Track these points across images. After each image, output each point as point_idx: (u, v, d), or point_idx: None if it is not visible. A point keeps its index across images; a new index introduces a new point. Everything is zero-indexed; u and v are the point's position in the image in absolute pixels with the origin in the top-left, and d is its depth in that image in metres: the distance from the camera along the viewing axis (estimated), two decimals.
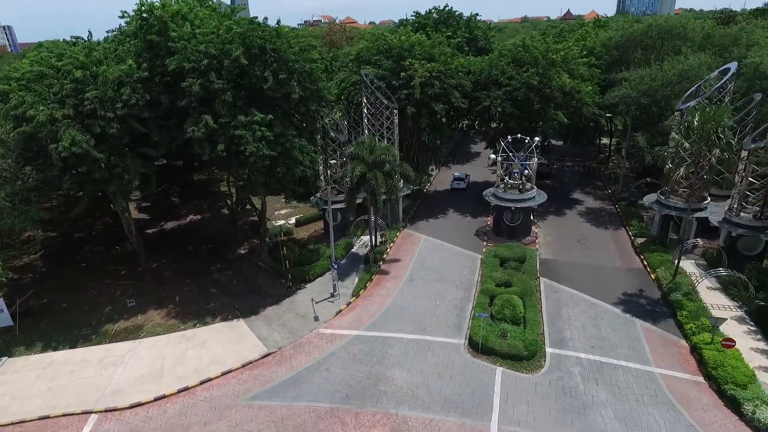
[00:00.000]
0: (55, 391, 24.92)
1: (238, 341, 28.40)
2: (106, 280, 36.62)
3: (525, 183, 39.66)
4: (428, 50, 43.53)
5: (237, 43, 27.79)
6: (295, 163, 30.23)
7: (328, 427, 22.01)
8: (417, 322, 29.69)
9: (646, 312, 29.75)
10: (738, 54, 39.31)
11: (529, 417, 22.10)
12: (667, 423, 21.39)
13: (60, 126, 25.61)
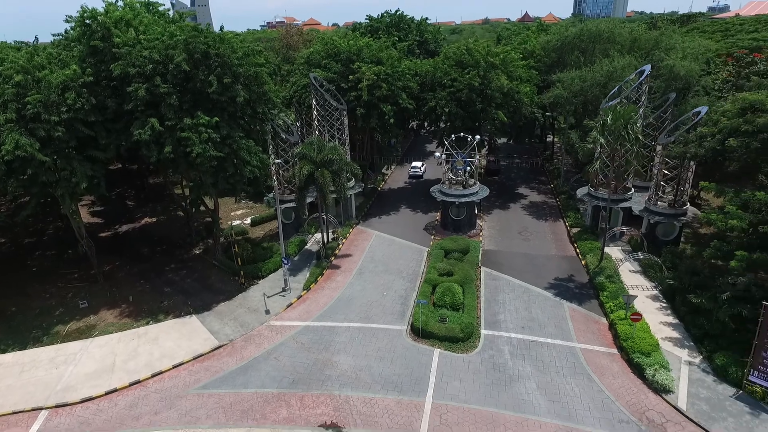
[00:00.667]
0: (2, 391, 25.33)
1: (190, 336, 29.37)
2: (59, 283, 36.80)
3: (468, 179, 41.94)
4: (376, 54, 45.35)
5: (180, 48, 28.77)
6: (243, 163, 31.40)
7: (273, 410, 23.42)
8: (364, 311, 31.39)
9: (573, 294, 32.40)
10: (659, 57, 42.77)
11: (461, 392, 24.10)
12: (581, 390, 23.80)
13: (2, 130, 26.05)
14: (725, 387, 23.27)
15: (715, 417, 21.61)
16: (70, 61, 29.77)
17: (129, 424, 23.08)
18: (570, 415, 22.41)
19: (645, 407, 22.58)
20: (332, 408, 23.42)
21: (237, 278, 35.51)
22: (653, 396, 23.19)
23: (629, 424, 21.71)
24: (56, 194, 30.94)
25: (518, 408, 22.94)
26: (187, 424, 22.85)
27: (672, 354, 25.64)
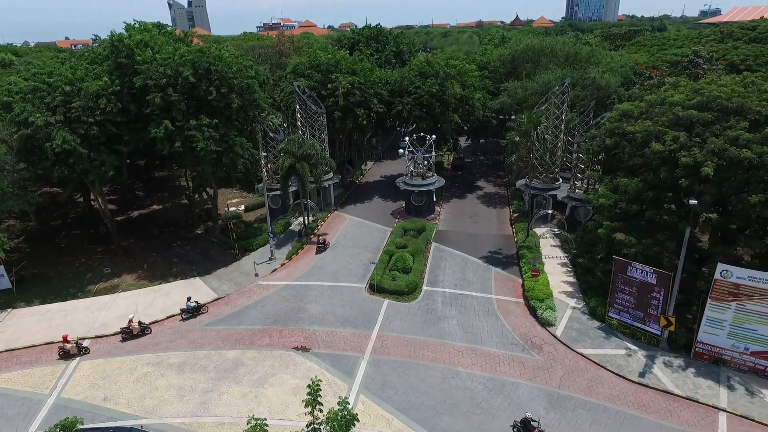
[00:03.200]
0: (53, 327, 33.23)
1: (194, 291, 37.29)
2: (84, 256, 44.61)
3: (427, 171, 50.00)
4: (351, 66, 53.25)
5: (187, 65, 36.64)
6: (237, 156, 39.36)
7: (259, 339, 31.43)
8: (333, 274, 39.44)
9: (501, 262, 40.53)
10: (584, 69, 50.83)
11: (400, 327, 32.16)
12: (489, 325, 31.91)
13: (53, 129, 33.93)
14: (593, 322, 31.45)
15: (579, 340, 29.78)
16: (101, 73, 37.63)
17: (151, 348, 31.04)
18: (477, 340, 30.50)
19: (532, 335, 30.72)
20: (303, 337, 31.45)
21: (232, 251, 43.48)
22: (540, 328, 31.34)
23: (517, 345, 29.85)
24: (88, 180, 38.86)
25: (440, 336, 31.03)
26: (194, 348, 30.83)
27: (563, 301, 33.79)
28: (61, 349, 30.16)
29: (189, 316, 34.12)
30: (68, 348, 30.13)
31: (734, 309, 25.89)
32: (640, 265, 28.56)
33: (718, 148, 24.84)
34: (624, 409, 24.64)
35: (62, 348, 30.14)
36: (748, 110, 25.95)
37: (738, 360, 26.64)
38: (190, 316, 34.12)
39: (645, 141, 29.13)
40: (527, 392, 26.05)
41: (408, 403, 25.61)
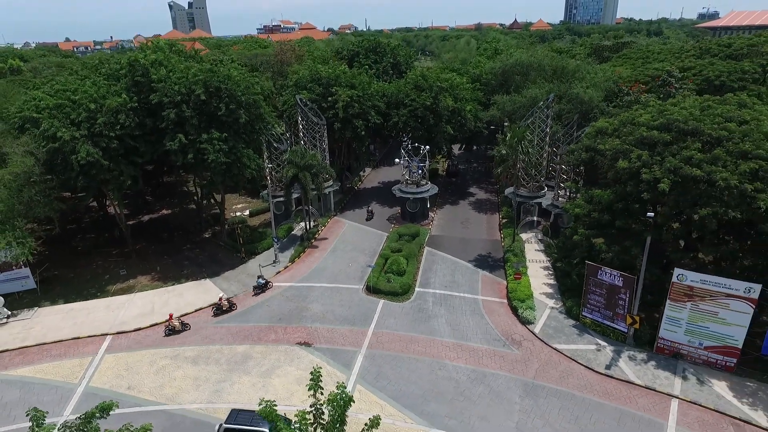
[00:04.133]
0: (78, 325, 36.41)
1: (205, 292, 40.52)
2: (100, 258, 47.78)
3: (421, 179, 53.24)
4: (350, 79, 56.51)
5: (199, 84, 39.84)
6: (244, 166, 42.59)
7: (266, 335, 34.63)
8: (333, 276, 42.66)
9: (488, 265, 43.78)
10: (570, 85, 54.05)
11: (394, 324, 35.39)
12: (475, 323, 35.15)
13: (78, 142, 37.12)
14: (569, 320, 34.71)
15: (555, 336, 33.04)
16: (120, 90, 40.81)
17: (167, 343, 34.23)
18: (463, 337, 33.73)
19: (513, 332, 33.97)
20: (306, 334, 34.67)
21: (239, 254, 46.68)
22: (520, 326, 34.59)
23: (499, 341, 33.09)
24: (107, 188, 42.07)
25: (430, 333, 34.26)
26: (207, 343, 34.02)
27: (542, 302, 37.05)
28: (167, 327, 35.08)
29: (260, 291, 40.08)
30: (174, 325, 35.00)
31: (689, 309, 29.14)
32: (608, 269, 31.82)
33: (674, 166, 28.10)
34: (590, 396, 27.89)
35: (168, 325, 35.07)
36: (701, 132, 29.22)
37: (693, 354, 29.90)
38: (260, 291, 40.07)
39: (614, 157, 32.38)
40: (505, 382, 29.29)
41: (399, 391, 28.83)
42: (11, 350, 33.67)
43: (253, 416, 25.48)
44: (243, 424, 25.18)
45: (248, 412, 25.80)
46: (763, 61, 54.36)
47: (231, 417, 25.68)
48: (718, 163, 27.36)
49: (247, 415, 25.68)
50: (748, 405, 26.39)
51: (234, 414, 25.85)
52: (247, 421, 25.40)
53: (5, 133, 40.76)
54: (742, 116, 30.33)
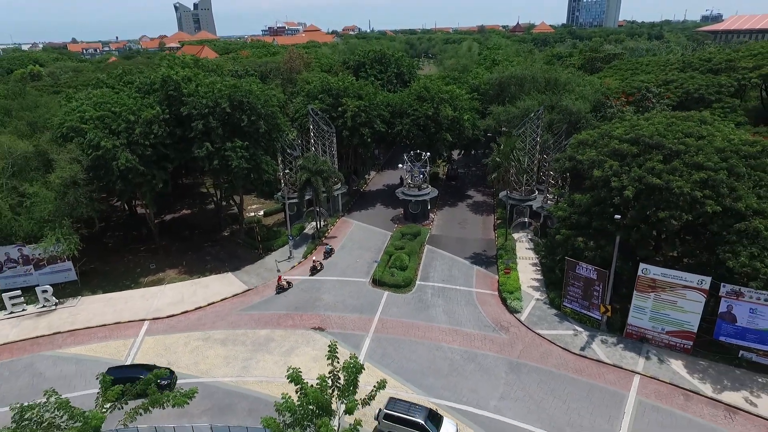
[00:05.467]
0: (118, 311, 41.23)
1: (228, 284, 45.30)
2: (130, 254, 52.61)
3: (422, 183, 57.90)
4: (358, 90, 61.24)
5: (225, 98, 44.57)
6: (262, 171, 47.35)
7: (284, 321, 39.37)
8: (342, 271, 47.37)
9: (483, 262, 48.42)
10: (560, 97, 58.59)
11: (397, 312, 40.09)
12: (468, 312, 39.82)
13: (118, 150, 41.95)
14: (552, 310, 39.34)
15: (538, 323, 37.68)
16: (153, 103, 45.62)
17: (198, 327, 39.02)
18: (458, 323, 38.40)
19: (501, 320, 38.63)
20: (319, 320, 39.40)
21: (256, 250, 51.43)
22: (509, 315, 39.24)
23: (489, 327, 37.75)
24: (140, 191, 46.90)
25: (429, 320, 38.95)
26: (233, 328, 38.78)
27: (529, 294, 41.69)
28: (277, 286, 43.78)
29: (327, 256, 49.27)
30: (282, 284, 43.77)
31: (653, 298, 33.72)
32: (585, 264, 36.42)
33: (638, 175, 32.71)
34: (566, 373, 32.51)
35: (278, 285, 43.72)
36: (663, 146, 33.80)
37: (657, 338, 34.49)
38: (327, 256, 49.29)
39: (591, 166, 36.99)
40: (493, 361, 33.95)
41: (402, 368, 33.51)
42: (63, 332, 38.54)
43: (409, 406, 28.16)
44: (400, 412, 27.66)
45: (404, 402, 28.62)
46: (738, 76, 58.81)
47: (390, 404, 28.37)
48: (676, 173, 31.95)
49: (404, 404, 28.32)
50: (698, 379, 30.99)
51: (392, 402, 28.56)
52: (404, 410, 27.87)
53: (51, 141, 45.54)
54: (700, 132, 34.91)
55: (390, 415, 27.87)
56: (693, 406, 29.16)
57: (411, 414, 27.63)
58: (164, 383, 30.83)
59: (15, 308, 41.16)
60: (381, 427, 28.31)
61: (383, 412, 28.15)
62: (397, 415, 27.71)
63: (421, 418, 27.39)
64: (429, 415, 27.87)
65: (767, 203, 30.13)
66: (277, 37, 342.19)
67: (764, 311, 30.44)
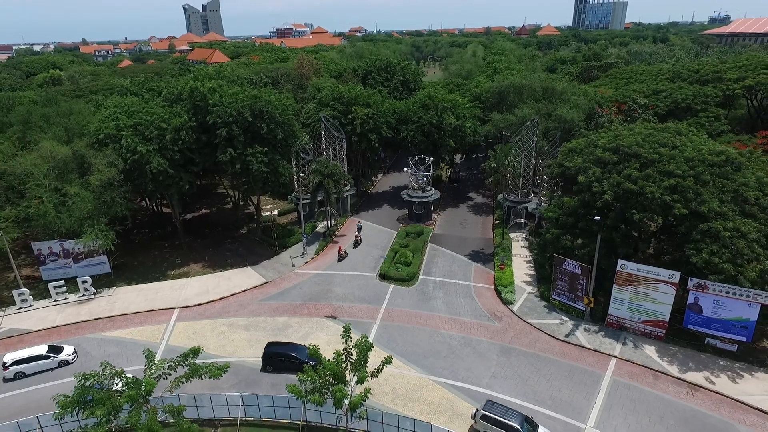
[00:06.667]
0: (150, 300, 45.80)
1: (248, 277, 49.77)
2: (157, 250, 57.23)
3: (426, 186, 62.16)
4: (366, 99, 65.59)
5: (246, 108, 49.02)
6: (279, 175, 51.80)
7: (300, 310, 43.78)
8: (352, 266, 51.74)
9: (481, 259, 52.61)
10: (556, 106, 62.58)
11: (401, 303, 44.39)
12: (466, 303, 44.06)
13: (151, 155, 46.53)
14: (542, 302, 43.49)
15: (529, 313, 41.86)
16: (181, 112, 50.17)
17: (223, 315, 43.49)
18: (456, 313, 42.65)
19: (496, 310, 42.84)
20: (332, 309, 43.77)
21: (273, 247, 55.88)
22: (503, 306, 43.44)
23: (484, 316, 41.97)
24: (168, 192, 51.48)
25: (430, 310, 43.22)
26: (255, 315, 43.22)
27: (522, 288, 45.86)
28: (339, 254, 52.85)
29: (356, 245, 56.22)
30: (341, 254, 52.70)
31: (630, 291, 37.81)
32: (570, 260, 40.56)
33: (616, 181, 36.86)
34: (550, 356, 36.68)
35: (339, 254, 52.75)
36: (640, 155, 37.91)
37: (634, 326, 38.57)
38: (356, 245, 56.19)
39: (577, 173, 41.14)
40: (487, 346, 38.18)
41: (406, 351, 37.78)
42: (103, 318, 43.15)
43: (506, 410, 29.15)
44: (497, 415, 28.72)
45: (501, 405, 29.67)
46: (724, 87, 62.67)
47: (487, 406, 29.56)
48: (649, 180, 36.06)
49: (501, 408, 29.37)
50: (666, 362, 35.09)
51: (489, 404, 29.70)
52: (501, 413, 28.87)
53: (88, 146, 50.15)
54: (674, 142, 39.00)
55: (487, 417, 29.00)
56: (660, 384, 33.26)
57: (507, 418, 28.60)
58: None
59: (59, 296, 45.81)
60: (477, 426, 29.61)
61: (480, 413, 29.28)
62: (494, 417, 28.78)
63: (517, 423, 28.32)
64: (525, 421, 28.90)
65: (728, 206, 34.15)
66: (284, 39, 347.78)
67: (726, 303, 34.47)
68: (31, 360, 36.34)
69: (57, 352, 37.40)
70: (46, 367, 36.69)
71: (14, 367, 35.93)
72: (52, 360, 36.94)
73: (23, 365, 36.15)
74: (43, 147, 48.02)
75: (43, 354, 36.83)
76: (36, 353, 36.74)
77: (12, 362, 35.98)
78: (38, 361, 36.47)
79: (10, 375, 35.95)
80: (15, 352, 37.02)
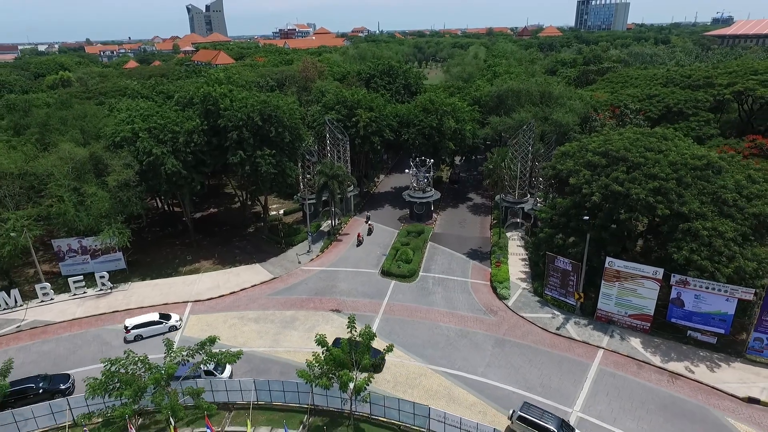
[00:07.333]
0: (164, 294, 48.33)
1: (256, 273, 52.28)
2: (167, 248, 59.77)
3: (426, 186, 64.59)
4: (369, 103, 68.04)
5: (256, 112, 51.52)
6: (286, 176, 54.30)
7: (306, 304, 46.27)
8: (355, 263, 54.23)
9: (478, 256, 55.03)
10: (552, 110, 64.95)
11: (402, 298, 46.84)
12: (464, 298, 46.49)
13: (165, 157, 49.07)
14: (535, 297, 45.90)
15: (523, 308, 44.27)
16: (193, 116, 52.70)
17: (234, 308, 46.00)
18: (454, 307, 45.09)
19: (491, 305, 45.27)
20: (336, 304, 46.25)
21: (279, 245, 58.39)
22: (498, 301, 45.85)
23: (480, 310, 44.41)
24: (180, 192, 54.03)
25: (429, 304, 45.67)
26: (263, 309, 45.72)
27: (517, 284, 48.26)
28: (358, 240, 57.65)
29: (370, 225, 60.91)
30: (360, 240, 57.34)
31: (618, 287, 40.18)
32: (562, 257, 42.95)
33: (604, 184, 39.25)
34: (542, 347, 39.09)
35: (358, 239, 57.61)
36: (627, 159, 40.28)
37: (621, 320, 40.94)
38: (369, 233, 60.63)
39: (568, 175, 43.53)
40: (482, 337, 40.61)
41: (406, 342, 40.22)
42: (120, 311, 45.70)
43: (543, 412, 29.64)
44: (533, 417, 29.28)
45: (538, 408, 30.28)
46: (714, 92, 64.94)
47: (524, 407, 30.11)
48: (635, 182, 38.42)
49: (537, 410, 29.95)
50: (650, 353, 37.48)
51: (526, 406, 30.28)
52: (538, 415, 29.41)
53: (104, 148, 52.68)
54: (660, 147, 41.36)
55: (523, 418, 29.60)
56: (644, 373, 35.66)
57: (544, 420, 29.15)
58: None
59: (78, 291, 48.37)
60: (513, 426, 30.24)
61: (517, 414, 29.91)
62: (530, 419, 29.37)
63: (554, 426, 28.81)
64: (561, 425, 29.39)
65: (707, 207, 36.50)
66: (287, 40, 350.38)
67: (706, 297, 36.81)
68: (147, 325, 41.69)
69: (167, 319, 42.63)
70: (159, 332, 41.85)
71: (134, 330, 41.38)
72: (164, 325, 42.19)
73: (141, 329, 41.54)
74: (62, 149, 50.57)
75: (155, 320, 42.06)
76: (150, 319, 42.07)
77: (132, 326, 41.42)
78: (153, 326, 41.81)
79: (131, 337, 41.30)
80: (134, 318, 42.27)
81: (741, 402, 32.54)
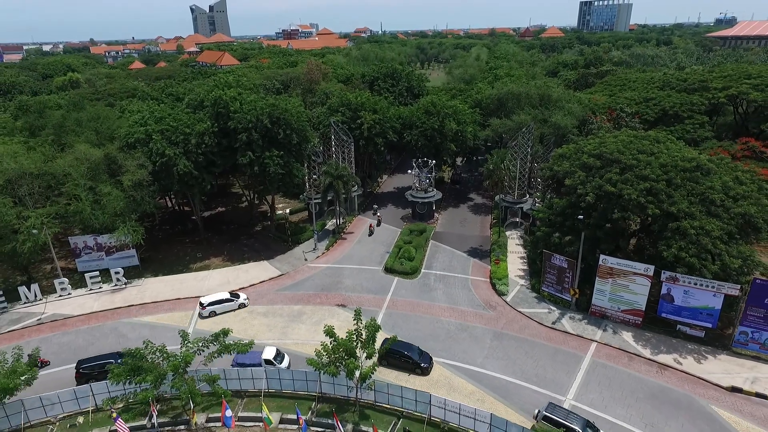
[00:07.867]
0: (176, 290, 50.39)
1: (265, 270, 54.30)
2: (177, 246, 61.85)
3: (428, 187, 66.54)
4: (373, 105, 70.02)
5: (265, 114, 53.55)
6: (293, 176, 56.32)
7: (313, 299, 48.26)
8: (359, 260, 56.19)
9: (478, 254, 56.94)
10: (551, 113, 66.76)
11: (405, 293, 48.80)
12: (464, 294, 48.41)
13: (177, 158, 51.12)
14: (533, 293, 47.80)
15: (520, 303, 46.19)
16: (204, 118, 54.75)
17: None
18: (454, 303, 47.03)
19: (491, 301, 47.19)
20: (341, 299, 48.23)
21: (286, 243, 60.41)
22: (497, 297, 47.77)
23: (480, 305, 46.33)
24: (191, 191, 56.10)
25: (431, 300, 47.62)
26: (272, 304, 47.73)
27: (515, 281, 50.17)
28: (369, 230, 60.62)
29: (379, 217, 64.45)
30: (372, 230, 60.75)
31: (611, 283, 42.05)
32: (558, 255, 44.83)
33: (598, 185, 41.13)
34: (538, 340, 41.00)
35: (370, 230, 60.71)
36: (620, 161, 42.15)
37: (614, 315, 42.81)
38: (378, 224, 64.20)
39: (565, 176, 45.41)
40: (481, 331, 42.54)
41: (408, 335, 42.09)
42: (135, 305, 47.80)
43: (568, 413, 30.08)
44: (559, 417, 29.75)
45: (563, 408, 30.61)
46: (710, 95, 66.70)
47: (549, 408, 30.68)
48: (627, 183, 40.29)
49: (563, 411, 30.43)
50: (641, 346, 39.36)
51: (551, 406, 30.81)
52: (563, 416, 29.80)
53: (118, 149, 54.76)
54: (652, 149, 43.21)
55: (548, 418, 30.04)
56: (634, 364, 37.55)
57: (569, 421, 29.54)
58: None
59: (94, 286, 50.47)
60: (538, 427, 30.36)
61: (542, 414, 30.37)
62: (555, 419, 29.87)
63: (579, 426, 29.28)
64: (587, 425, 29.86)
65: (696, 207, 38.33)
66: (291, 41, 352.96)
67: (694, 293, 38.66)
68: (220, 302, 46.04)
69: (237, 297, 47.05)
70: (230, 308, 46.33)
71: (209, 307, 45.62)
72: (234, 302, 46.57)
73: (215, 306, 45.87)
74: (79, 150, 52.67)
75: (227, 298, 46.50)
76: (223, 297, 46.45)
77: (208, 303, 45.71)
78: (225, 303, 46.19)
79: (206, 313, 45.47)
80: (209, 296, 46.60)
81: (725, 391, 34.41)
